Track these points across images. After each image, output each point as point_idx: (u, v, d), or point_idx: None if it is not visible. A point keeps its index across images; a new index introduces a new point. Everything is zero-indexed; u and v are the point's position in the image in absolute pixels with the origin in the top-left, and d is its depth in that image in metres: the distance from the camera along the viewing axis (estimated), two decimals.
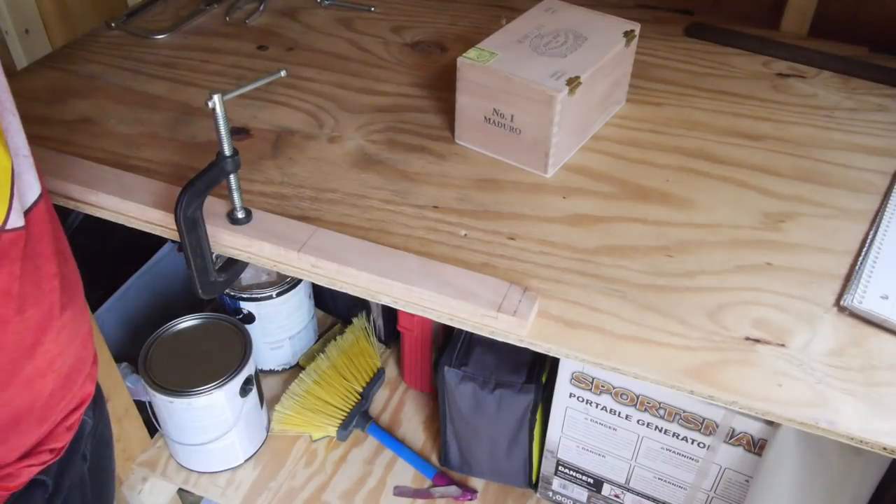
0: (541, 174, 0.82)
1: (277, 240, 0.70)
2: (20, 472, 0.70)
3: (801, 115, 0.91)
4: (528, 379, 1.02)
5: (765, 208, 0.77)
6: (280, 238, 0.70)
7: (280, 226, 0.72)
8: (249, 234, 0.71)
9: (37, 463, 0.71)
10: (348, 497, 1.16)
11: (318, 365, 1.27)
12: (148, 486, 1.23)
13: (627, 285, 0.68)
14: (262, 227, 0.72)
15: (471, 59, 0.80)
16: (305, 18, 1.12)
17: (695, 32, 1.08)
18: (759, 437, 0.87)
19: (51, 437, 0.73)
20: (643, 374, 0.61)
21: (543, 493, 1.14)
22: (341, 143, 0.86)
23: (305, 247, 0.69)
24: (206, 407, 1.08)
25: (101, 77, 0.97)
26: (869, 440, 0.56)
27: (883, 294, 0.66)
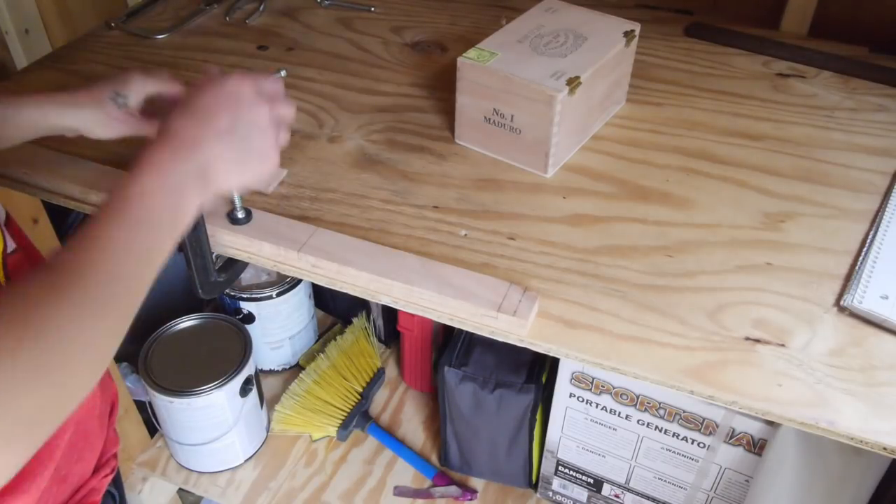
0: (541, 174, 0.82)
1: (277, 240, 0.70)
2: (99, 484, 0.72)
3: (801, 115, 0.91)
4: (528, 379, 1.02)
5: (765, 208, 0.77)
6: (280, 238, 0.70)
7: (280, 226, 0.72)
8: (249, 234, 0.71)
9: (108, 472, 0.74)
10: (348, 497, 1.16)
11: (318, 365, 1.27)
12: (148, 486, 1.23)
13: (627, 285, 0.68)
14: (262, 227, 0.72)
15: (471, 59, 0.80)
16: (305, 18, 1.12)
17: (695, 32, 1.08)
18: (759, 437, 0.87)
19: (109, 444, 0.75)
20: (643, 374, 0.61)
21: (543, 493, 1.14)
22: (341, 143, 0.86)
23: (305, 247, 0.69)
24: (206, 407, 1.08)
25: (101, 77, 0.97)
26: (869, 440, 0.56)
27: (883, 294, 0.66)
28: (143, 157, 0.53)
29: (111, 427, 0.76)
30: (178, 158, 0.54)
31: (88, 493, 0.71)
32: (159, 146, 0.55)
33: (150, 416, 1.15)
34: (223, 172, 0.57)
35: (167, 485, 1.24)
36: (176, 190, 0.53)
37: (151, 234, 0.51)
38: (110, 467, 0.75)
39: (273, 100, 0.61)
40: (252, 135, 0.58)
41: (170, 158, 0.54)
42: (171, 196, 0.52)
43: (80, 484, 0.70)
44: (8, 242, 0.60)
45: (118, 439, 0.79)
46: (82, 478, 0.70)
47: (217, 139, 0.56)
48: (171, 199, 0.53)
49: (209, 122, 0.56)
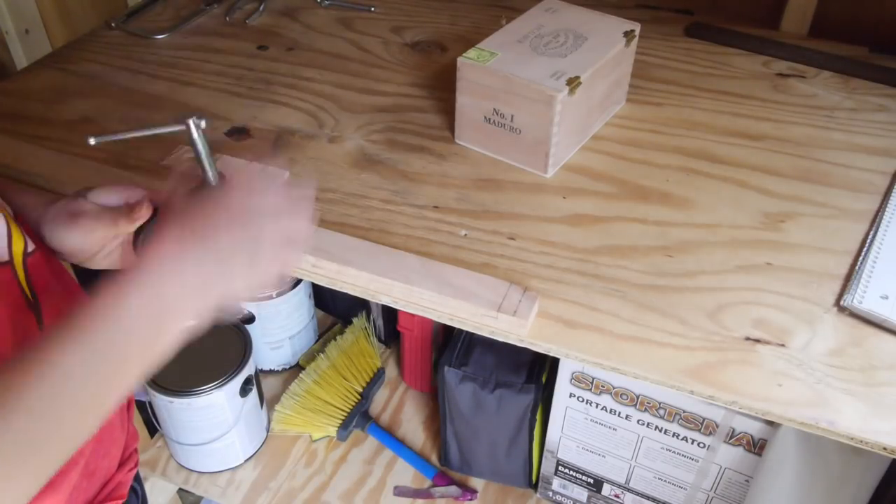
0: (541, 174, 0.82)
1: None
2: (125, 478, 0.73)
3: (801, 115, 0.91)
4: (528, 379, 1.02)
5: (765, 208, 0.77)
6: None
7: None
8: None
9: (132, 466, 0.75)
10: (348, 497, 1.16)
11: (318, 365, 1.27)
12: (148, 486, 1.23)
13: (627, 285, 0.68)
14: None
15: (471, 59, 0.80)
16: (305, 18, 1.12)
17: (695, 32, 1.08)
18: (759, 437, 0.87)
19: (130, 438, 0.76)
20: (643, 374, 0.61)
21: (543, 493, 1.14)
22: (341, 143, 0.86)
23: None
24: (206, 407, 1.08)
25: (101, 77, 0.97)
26: (869, 440, 0.56)
27: (883, 294, 0.66)
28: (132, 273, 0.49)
29: (130, 422, 0.76)
30: (168, 281, 0.49)
31: (116, 487, 0.71)
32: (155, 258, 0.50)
33: (150, 416, 1.15)
34: (214, 298, 0.51)
35: (167, 485, 1.24)
36: (158, 316, 0.49)
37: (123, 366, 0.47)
38: (133, 461, 0.75)
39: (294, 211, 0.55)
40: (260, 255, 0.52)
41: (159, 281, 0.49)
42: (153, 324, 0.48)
43: (107, 478, 0.70)
44: (28, 242, 0.59)
45: (137, 434, 0.79)
46: (109, 472, 0.71)
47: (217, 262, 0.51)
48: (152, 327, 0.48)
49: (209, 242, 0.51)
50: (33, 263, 0.60)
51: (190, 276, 0.50)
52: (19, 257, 0.57)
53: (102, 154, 0.83)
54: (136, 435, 0.78)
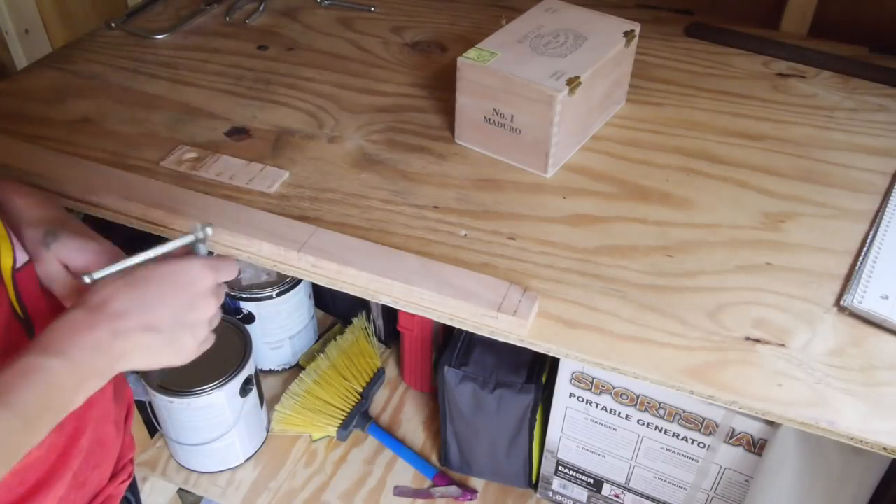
0: (541, 174, 0.82)
1: (277, 240, 0.70)
2: (116, 491, 0.72)
3: (801, 115, 0.91)
4: (528, 379, 1.02)
5: (765, 208, 0.77)
6: (280, 238, 0.70)
7: (280, 226, 0.72)
8: (249, 234, 0.71)
9: (125, 477, 0.74)
10: (348, 497, 1.16)
11: (318, 365, 1.27)
12: (148, 486, 1.23)
13: (627, 285, 0.68)
14: (263, 227, 0.72)
15: (471, 59, 0.80)
16: (305, 18, 1.12)
17: (695, 32, 1.08)
18: (759, 437, 0.87)
19: (125, 449, 0.75)
20: (643, 374, 0.61)
21: (543, 493, 1.14)
22: (341, 143, 0.86)
23: (305, 247, 0.69)
24: (206, 407, 1.08)
25: (101, 77, 0.97)
26: (869, 440, 0.56)
27: (883, 294, 0.66)
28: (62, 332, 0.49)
29: (127, 432, 0.76)
30: (99, 346, 0.50)
31: (106, 500, 0.71)
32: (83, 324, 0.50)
33: (150, 416, 1.15)
34: (133, 362, 0.53)
35: (167, 485, 1.24)
36: (81, 380, 0.50)
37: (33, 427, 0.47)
38: (127, 473, 0.75)
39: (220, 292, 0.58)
40: (182, 334, 0.55)
41: (89, 344, 0.50)
42: (73, 388, 0.49)
43: (97, 490, 0.70)
44: (19, 255, 0.58)
45: (134, 444, 0.79)
46: (99, 484, 0.70)
47: (146, 335, 0.52)
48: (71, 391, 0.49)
49: (147, 313, 0.53)
50: (23, 278, 0.59)
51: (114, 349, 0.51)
52: (8, 272, 0.57)
53: (102, 154, 0.83)
54: (131, 446, 0.77)
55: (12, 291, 0.57)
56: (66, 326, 0.50)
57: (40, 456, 0.60)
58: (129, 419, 0.77)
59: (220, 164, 0.81)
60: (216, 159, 0.82)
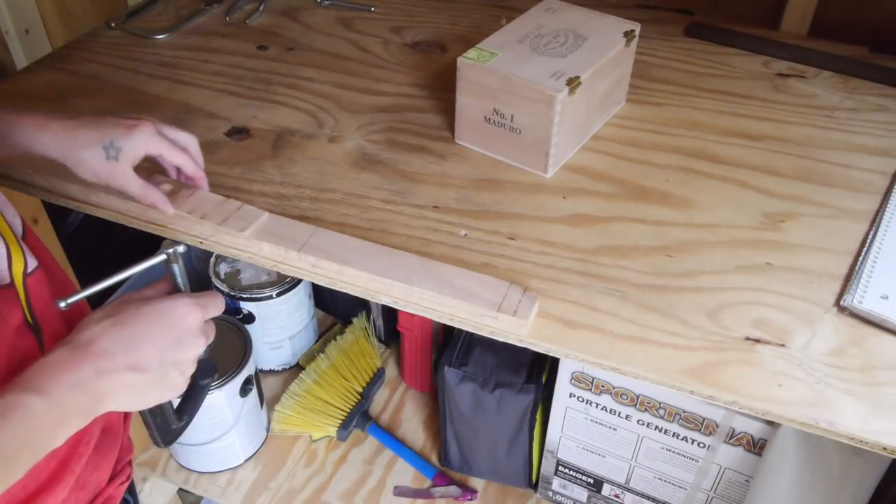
0: (541, 174, 0.82)
1: (277, 240, 0.70)
2: (116, 492, 0.72)
3: (801, 115, 0.91)
4: (528, 379, 1.02)
5: (765, 208, 0.77)
6: (280, 238, 0.70)
7: (280, 226, 0.72)
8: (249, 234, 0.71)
9: (124, 479, 0.75)
10: (348, 497, 1.16)
11: (318, 365, 1.27)
12: (148, 486, 1.23)
13: (627, 285, 0.68)
14: (262, 227, 0.72)
15: (471, 59, 0.80)
16: (305, 18, 1.12)
17: (695, 32, 1.08)
18: (759, 437, 0.87)
19: (124, 451, 0.75)
20: (643, 374, 0.61)
21: (543, 493, 1.14)
22: (341, 143, 0.86)
23: (305, 247, 0.69)
24: (206, 407, 1.07)
25: (101, 77, 0.97)
26: (869, 440, 0.56)
27: (883, 294, 0.66)
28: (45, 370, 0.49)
29: (125, 434, 0.76)
30: (83, 385, 0.49)
31: (106, 501, 0.71)
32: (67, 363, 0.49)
33: None
34: (118, 403, 0.52)
35: (167, 485, 1.24)
36: (62, 420, 0.49)
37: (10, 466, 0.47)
38: (125, 475, 0.75)
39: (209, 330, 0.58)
40: (170, 373, 0.54)
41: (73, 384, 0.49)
42: (53, 427, 0.48)
43: (96, 492, 0.70)
44: (29, 260, 0.58)
45: (132, 446, 0.79)
46: (99, 486, 0.70)
47: (132, 374, 0.52)
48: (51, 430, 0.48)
49: (133, 353, 0.52)
50: (34, 283, 0.59)
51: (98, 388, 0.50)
52: (20, 278, 0.57)
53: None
54: (130, 448, 0.77)
55: (23, 297, 0.57)
56: (50, 365, 0.49)
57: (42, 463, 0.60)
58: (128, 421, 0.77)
59: (194, 199, 0.74)
60: (191, 193, 0.74)
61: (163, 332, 0.54)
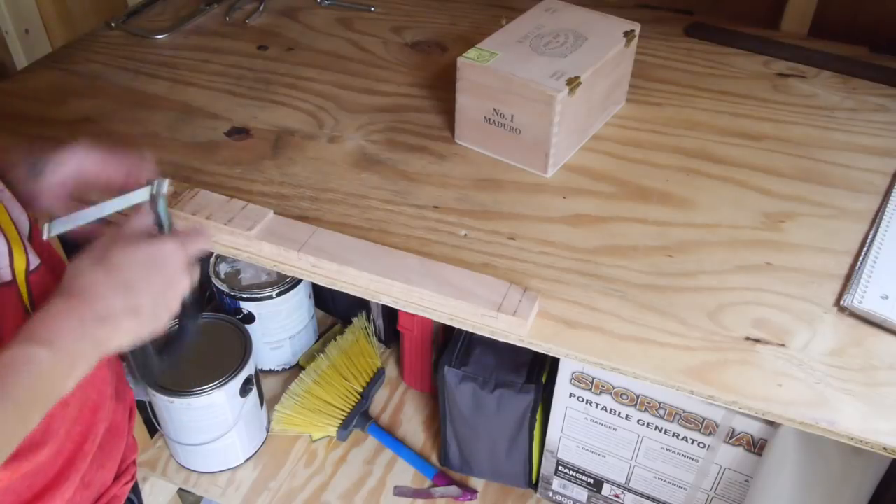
0: (541, 174, 0.82)
1: (277, 240, 0.70)
2: (121, 491, 0.72)
3: (801, 115, 0.91)
4: (528, 379, 1.02)
5: (765, 208, 0.77)
6: (280, 238, 0.70)
7: (280, 226, 0.72)
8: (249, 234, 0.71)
9: (129, 478, 0.75)
10: (348, 497, 1.16)
11: (318, 365, 1.27)
12: (148, 486, 1.23)
13: (627, 285, 0.68)
14: (262, 227, 0.72)
15: (471, 59, 0.80)
16: (305, 18, 1.12)
17: (695, 32, 1.08)
18: (759, 437, 0.87)
19: (128, 451, 0.75)
20: (643, 374, 0.61)
21: (543, 493, 1.14)
22: (341, 143, 0.86)
23: (305, 247, 0.69)
24: (206, 407, 1.08)
25: (101, 77, 0.97)
26: (869, 440, 0.56)
27: (883, 294, 0.66)
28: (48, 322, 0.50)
29: (130, 434, 0.76)
30: (85, 334, 0.51)
31: (111, 501, 0.71)
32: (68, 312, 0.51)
33: (150, 416, 1.15)
34: (119, 344, 0.54)
35: (167, 485, 1.24)
36: (70, 368, 0.50)
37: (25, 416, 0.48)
38: (130, 474, 0.75)
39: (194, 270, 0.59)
40: (161, 313, 0.56)
41: (76, 332, 0.50)
42: (62, 376, 0.50)
43: (102, 491, 0.70)
44: (31, 259, 0.59)
45: (137, 446, 0.79)
46: (104, 485, 0.70)
47: (130, 319, 0.53)
48: (60, 379, 0.50)
49: (129, 297, 0.53)
50: (36, 281, 0.59)
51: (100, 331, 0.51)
52: (22, 276, 0.57)
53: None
54: (134, 447, 0.78)
55: (25, 294, 0.57)
56: (51, 316, 0.50)
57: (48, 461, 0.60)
58: (132, 420, 0.77)
59: (197, 199, 0.74)
60: (194, 194, 0.75)
61: (155, 276, 0.55)
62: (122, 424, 0.73)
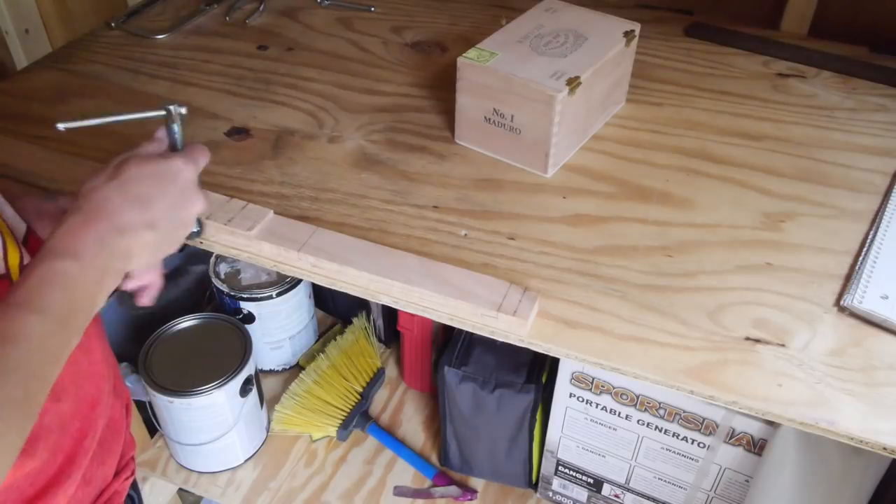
0: (541, 174, 0.82)
1: (277, 240, 0.70)
2: (121, 487, 0.73)
3: (801, 115, 0.91)
4: (528, 379, 1.02)
5: (765, 208, 0.77)
6: (280, 238, 0.70)
7: (280, 226, 0.72)
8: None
9: (128, 474, 0.75)
10: (348, 497, 1.16)
11: (318, 365, 1.27)
12: (148, 486, 1.23)
13: (627, 285, 0.68)
14: (262, 227, 0.72)
15: (471, 59, 0.80)
16: (305, 18, 1.12)
17: (695, 32, 1.08)
18: (759, 437, 0.87)
19: (127, 447, 0.75)
20: (643, 374, 0.61)
21: (543, 493, 1.14)
22: (341, 143, 0.86)
23: (305, 247, 0.69)
24: (206, 407, 1.08)
25: (101, 77, 0.97)
26: (869, 440, 0.56)
27: (883, 294, 0.66)
28: (71, 235, 0.51)
29: (127, 430, 0.76)
30: (108, 246, 0.52)
31: (112, 497, 0.71)
32: (89, 226, 0.52)
33: (150, 416, 1.15)
34: (141, 261, 0.55)
35: (167, 485, 1.24)
36: (99, 280, 0.51)
37: (68, 328, 0.49)
38: (130, 470, 0.75)
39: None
40: (178, 231, 0.57)
41: (99, 244, 0.51)
42: (93, 287, 0.51)
43: (103, 487, 0.70)
44: (25, 255, 0.59)
45: (134, 441, 0.79)
46: (105, 481, 0.70)
47: (148, 232, 0.54)
48: (92, 290, 0.50)
49: (145, 210, 0.54)
50: None
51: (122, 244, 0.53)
52: (16, 269, 0.57)
53: (103, 154, 0.83)
54: (132, 443, 0.78)
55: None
56: (71, 230, 0.51)
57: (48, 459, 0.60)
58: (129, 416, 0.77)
59: None
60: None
61: (167, 191, 0.56)
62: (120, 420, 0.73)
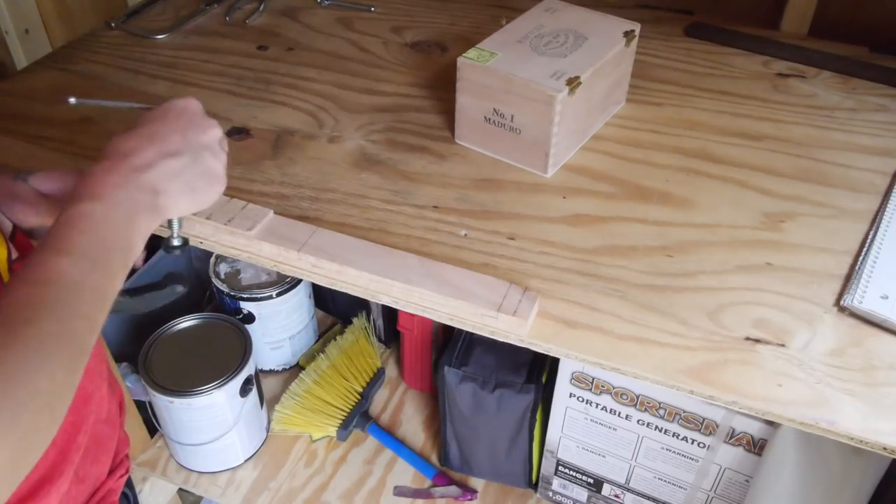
0: (541, 174, 0.82)
1: (277, 240, 0.70)
2: (116, 485, 0.73)
3: (801, 115, 0.91)
4: (528, 379, 1.02)
5: (765, 208, 0.77)
6: (280, 238, 0.70)
7: (280, 226, 0.72)
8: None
9: (123, 472, 0.75)
10: (348, 497, 1.16)
11: (318, 365, 1.27)
12: (148, 486, 1.23)
13: (627, 285, 0.68)
14: (262, 227, 0.72)
15: (471, 59, 0.80)
16: (305, 18, 1.12)
17: (695, 32, 1.08)
18: (759, 437, 0.87)
19: (121, 444, 0.75)
20: (643, 374, 0.61)
21: (543, 493, 1.14)
22: (341, 143, 0.86)
23: (305, 247, 0.69)
24: (206, 407, 1.08)
25: (101, 77, 0.97)
26: (869, 440, 0.56)
27: (883, 294, 0.66)
28: (90, 181, 0.52)
29: (121, 427, 0.76)
30: (129, 183, 0.52)
31: (106, 494, 0.71)
32: (107, 169, 0.53)
33: (150, 416, 1.15)
34: (175, 195, 0.55)
35: (167, 485, 1.24)
36: (127, 218, 0.51)
37: (104, 267, 0.49)
38: (124, 468, 0.75)
39: None
40: (203, 156, 0.58)
41: (120, 183, 0.52)
42: (123, 225, 0.51)
43: (97, 485, 0.70)
44: (12, 250, 0.59)
45: (128, 440, 0.79)
46: (99, 479, 0.70)
47: (169, 160, 0.55)
48: (122, 228, 0.51)
49: (160, 143, 0.55)
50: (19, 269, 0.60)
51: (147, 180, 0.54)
52: (4, 264, 0.57)
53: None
54: (126, 441, 0.78)
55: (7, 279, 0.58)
56: (92, 177, 0.52)
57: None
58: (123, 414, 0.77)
59: None
60: None
61: (176, 121, 0.58)
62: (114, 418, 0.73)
